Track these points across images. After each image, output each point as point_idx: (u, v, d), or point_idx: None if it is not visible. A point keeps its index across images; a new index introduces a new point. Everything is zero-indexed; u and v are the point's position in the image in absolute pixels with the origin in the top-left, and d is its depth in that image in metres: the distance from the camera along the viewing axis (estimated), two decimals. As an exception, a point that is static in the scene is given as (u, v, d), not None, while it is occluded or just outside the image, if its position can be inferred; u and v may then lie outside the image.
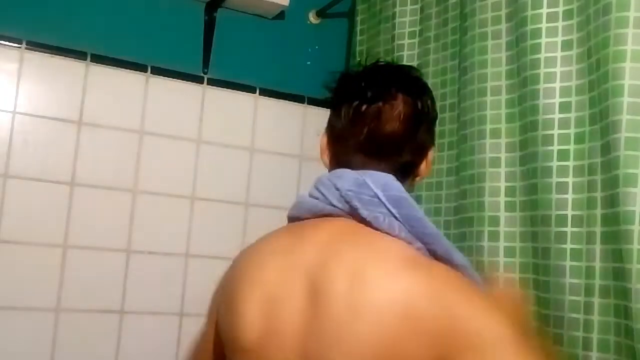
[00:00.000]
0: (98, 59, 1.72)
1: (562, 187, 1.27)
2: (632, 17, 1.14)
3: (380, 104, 1.01)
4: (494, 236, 1.41)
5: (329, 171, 1.07)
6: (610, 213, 1.16)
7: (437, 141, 1.60)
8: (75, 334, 1.66)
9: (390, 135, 1.01)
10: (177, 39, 1.84)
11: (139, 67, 1.77)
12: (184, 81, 1.83)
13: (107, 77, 1.73)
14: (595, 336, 1.19)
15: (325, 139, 1.10)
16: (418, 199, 1.61)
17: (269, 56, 1.96)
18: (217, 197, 1.85)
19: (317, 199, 1.03)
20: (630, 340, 1.10)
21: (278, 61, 1.97)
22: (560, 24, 1.31)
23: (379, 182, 0.98)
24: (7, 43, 1.63)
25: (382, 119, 1.01)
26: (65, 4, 1.71)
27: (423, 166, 1.08)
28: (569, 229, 1.25)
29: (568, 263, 1.25)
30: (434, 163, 1.55)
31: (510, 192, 1.41)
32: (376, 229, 0.96)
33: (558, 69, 1.29)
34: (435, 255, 0.97)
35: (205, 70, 1.87)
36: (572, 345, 1.24)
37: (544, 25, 1.32)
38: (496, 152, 1.43)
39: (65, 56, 1.69)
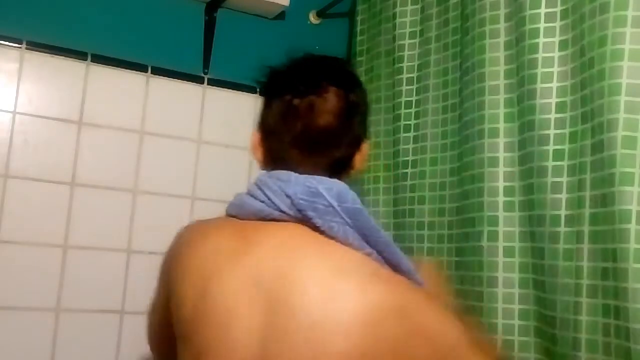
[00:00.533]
0: (98, 59, 1.72)
1: (557, 187, 1.26)
2: (631, 15, 1.14)
3: (313, 97, 1.00)
4: (493, 236, 1.41)
5: (263, 168, 1.06)
6: (604, 212, 1.16)
7: (439, 142, 1.61)
8: (75, 334, 1.66)
9: (325, 128, 1.00)
10: (178, 39, 1.84)
11: (139, 67, 1.77)
12: (184, 81, 1.83)
13: (107, 77, 1.74)
14: (583, 336, 1.18)
15: (258, 136, 1.08)
16: (421, 200, 1.62)
17: (269, 56, 1.95)
18: (217, 197, 1.84)
19: (262, 202, 0.99)
20: (621, 340, 1.09)
21: (278, 61, 1.96)
22: (557, 24, 1.30)
23: (333, 191, 0.95)
24: (7, 43, 1.64)
25: (315, 112, 1.00)
26: (65, 4, 1.71)
27: (358, 159, 1.06)
28: (562, 229, 1.24)
29: (561, 263, 1.24)
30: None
31: (509, 192, 1.40)
32: (329, 236, 0.95)
33: (555, 69, 1.29)
34: (385, 261, 0.96)
35: (206, 71, 1.87)
36: (563, 346, 1.23)
37: (541, 25, 1.31)
38: (494, 152, 1.42)
39: (65, 56, 1.69)
